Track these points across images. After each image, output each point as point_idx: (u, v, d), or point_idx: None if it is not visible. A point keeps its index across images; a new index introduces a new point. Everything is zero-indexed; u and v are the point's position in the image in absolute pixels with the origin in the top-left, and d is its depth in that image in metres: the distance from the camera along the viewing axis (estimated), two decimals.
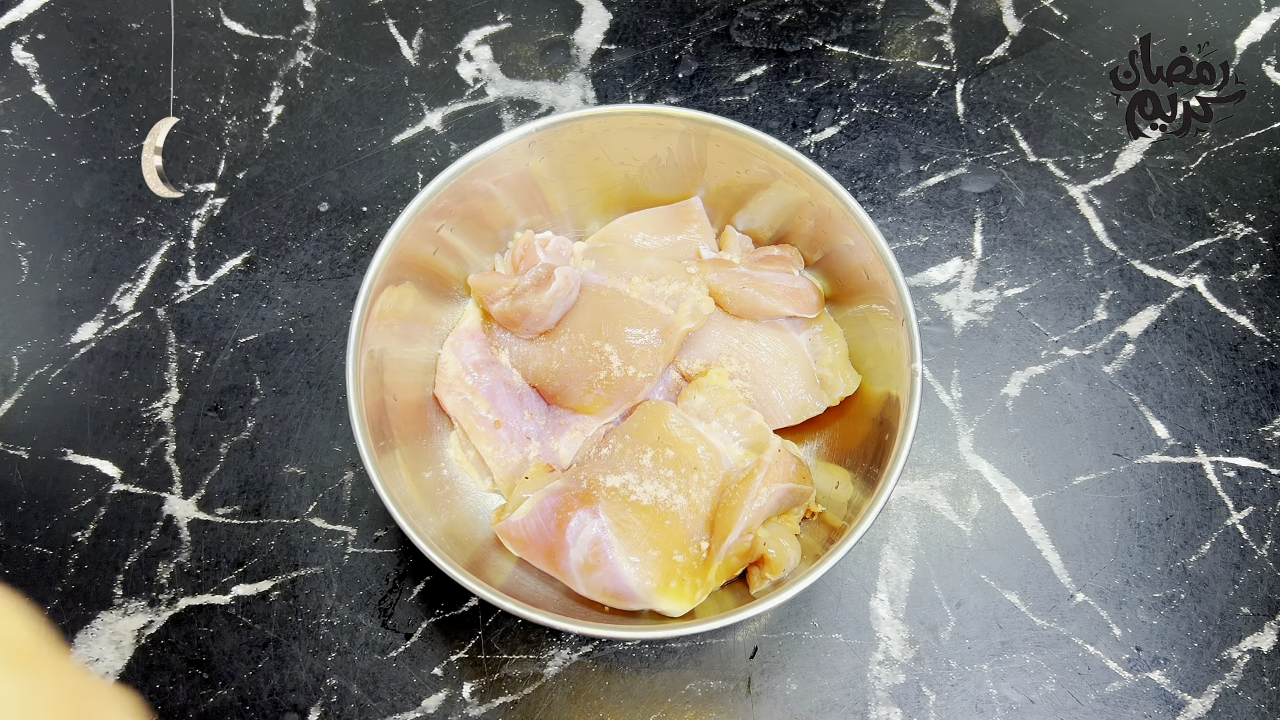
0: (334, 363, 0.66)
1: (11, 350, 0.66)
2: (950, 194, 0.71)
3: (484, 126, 0.74)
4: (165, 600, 0.60)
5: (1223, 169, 0.72)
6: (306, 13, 0.78)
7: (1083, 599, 0.60)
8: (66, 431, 0.64)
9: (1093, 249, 0.69)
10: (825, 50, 0.76)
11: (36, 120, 0.74)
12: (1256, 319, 0.67)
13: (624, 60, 0.76)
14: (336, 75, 0.76)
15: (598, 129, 0.57)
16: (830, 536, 0.52)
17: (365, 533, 0.61)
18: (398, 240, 0.53)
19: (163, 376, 0.66)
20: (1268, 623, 0.59)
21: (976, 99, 0.74)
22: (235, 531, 0.61)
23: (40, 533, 0.61)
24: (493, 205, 0.59)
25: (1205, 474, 0.63)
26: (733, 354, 0.60)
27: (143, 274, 0.69)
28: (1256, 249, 0.69)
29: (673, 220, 0.63)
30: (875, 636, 0.59)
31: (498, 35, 0.77)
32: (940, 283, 0.68)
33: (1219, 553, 0.61)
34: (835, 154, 0.73)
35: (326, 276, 0.69)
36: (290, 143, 0.73)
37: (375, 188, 0.72)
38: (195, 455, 0.63)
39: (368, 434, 0.50)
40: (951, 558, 0.61)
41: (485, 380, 0.60)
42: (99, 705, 0.28)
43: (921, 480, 0.63)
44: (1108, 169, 0.72)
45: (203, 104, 0.75)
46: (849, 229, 0.54)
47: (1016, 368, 0.66)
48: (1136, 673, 0.58)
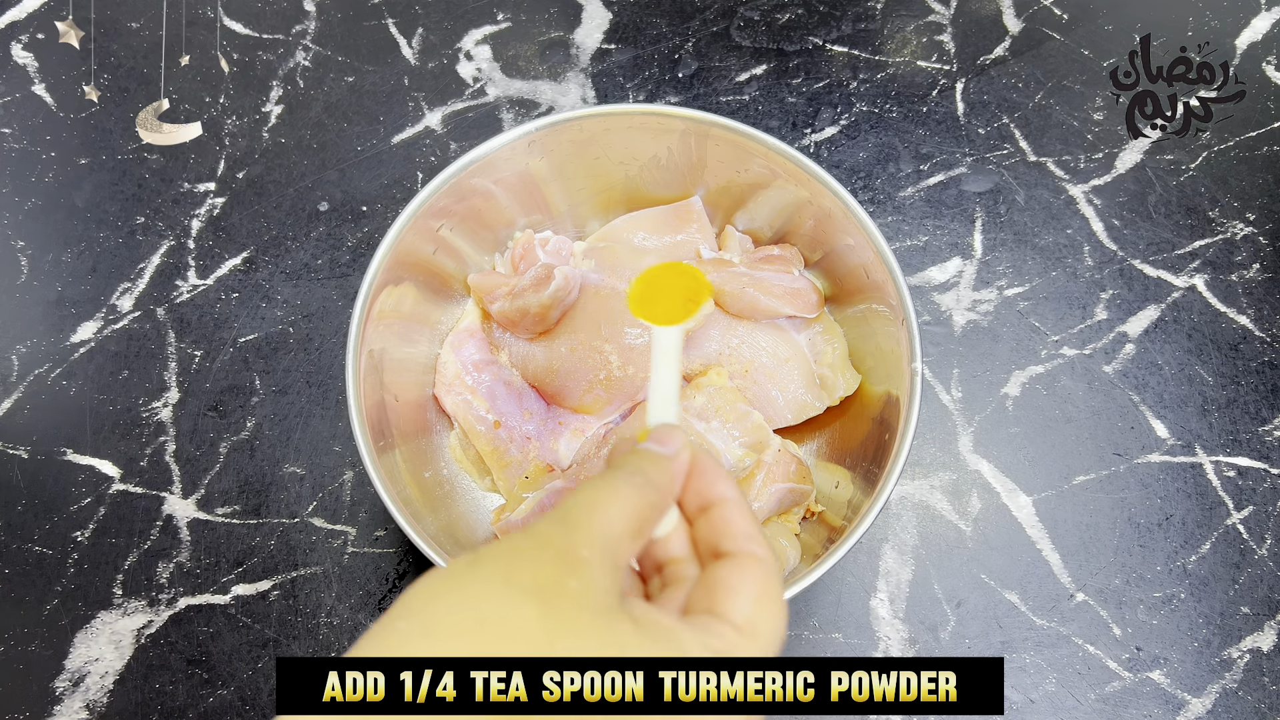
0: (334, 362, 0.66)
1: (11, 350, 0.66)
2: (950, 194, 0.71)
3: (484, 126, 0.74)
4: (165, 600, 0.60)
5: (1223, 169, 0.72)
6: (306, 12, 0.78)
7: (1083, 599, 0.60)
8: (66, 431, 0.64)
9: (1093, 249, 0.69)
10: (825, 50, 0.76)
11: (36, 120, 0.74)
12: (1256, 319, 0.67)
13: (624, 60, 0.76)
14: (336, 75, 0.76)
15: (597, 129, 0.57)
16: (830, 536, 0.52)
17: (365, 532, 0.61)
18: (397, 240, 0.53)
19: (162, 376, 0.66)
20: (1268, 622, 0.59)
21: (976, 99, 0.74)
22: (235, 531, 0.61)
23: (40, 532, 0.61)
24: (492, 205, 0.59)
25: (1205, 474, 0.63)
26: (733, 354, 0.60)
27: (142, 274, 0.69)
28: (1256, 249, 0.69)
29: (672, 220, 0.63)
30: (875, 636, 0.59)
31: (497, 35, 0.77)
32: (940, 282, 0.68)
33: (1219, 552, 0.61)
34: (835, 154, 0.73)
35: (326, 276, 0.69)
36: (290, 142, 0.73)
37: (375, 187, 0.72)
38: (195, 455, 0.63)
39: (367, 434, 0.50)
40: (951, 557, 0.61)
41: (485, 380, 0.60)
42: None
43: (921, 480, 0.63)
44: (1108, 169, 0.72)
45: (202, 103, 0.75)
46: (849, 229, 0.54)
47: (1016, 367, 0.66)
48: (1136, 672, 0.58)
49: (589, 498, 0.29)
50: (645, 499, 0.30)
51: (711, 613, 0.29)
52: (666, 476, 0.32)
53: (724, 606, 0.29)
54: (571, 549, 0.27)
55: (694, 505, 0.33)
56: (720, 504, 0.32)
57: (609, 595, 0.27)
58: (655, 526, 0.31)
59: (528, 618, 0.25)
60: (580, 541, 0.28)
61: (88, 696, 0.58)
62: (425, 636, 0.25)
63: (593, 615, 0.26)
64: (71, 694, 0.58)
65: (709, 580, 0.30)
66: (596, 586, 0.27)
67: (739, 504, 0.32)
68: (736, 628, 0.28)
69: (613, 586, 0.27)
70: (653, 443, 0.33)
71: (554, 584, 0.26)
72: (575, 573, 0.27)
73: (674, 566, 0.33)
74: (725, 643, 0.28)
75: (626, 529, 0.29)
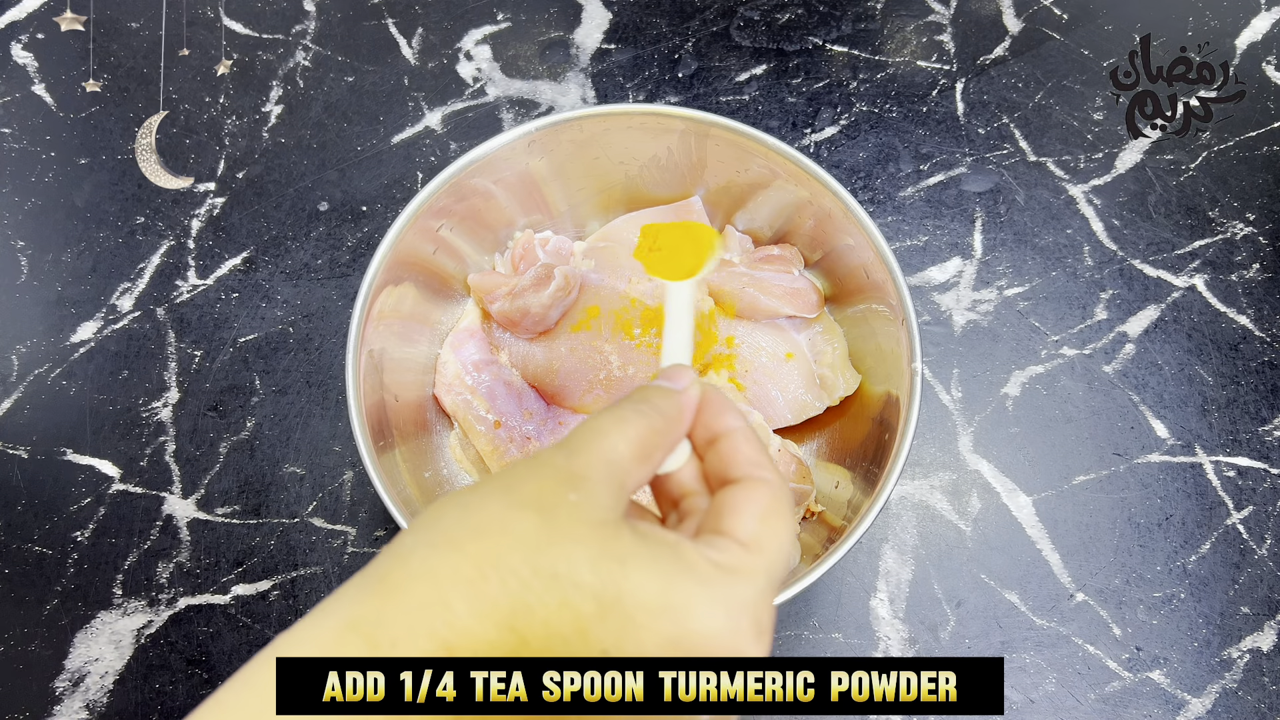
0: (334, 362, 0.66)
1: (11, 350, 0.66)
2: (950, 193, 0.71)
3: (484, 126, 0.74)
4: (165, 600, 0.60)
5: (1223, 169, 0.72)
6: (306, 12, 0.78)
7: (1083, 599, 0.60)
8: (66, 431, 0.64)
9: (1093, 248, 0.69)
10: (825, 50, 0.76)
11: (36, 120, 0.74)
12: (1256, 319, 0.67)
13: (624, 60, 0.76)
14: (336, 75, 0.76)
15: (597, 128, 0.57)
16: (830, 536, 0.52)
17: (365, 533, 0.61)
18: (397, 240, 0.53)
19: (162, 376, 0.66)
20: (1268, 622, 0.59)
21: (976, 98, 0.74)
22: (235, 531, 0.61)
23: (40, 532, 0.61)
24: (492, 205, 0.59)
25: (1205, 474, 0.63)
26: (733, 354, 0.60)
27: (142, 274, 0.69)
28: (1256, 249, 0.69)
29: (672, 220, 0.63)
30: (875, 636, 0.59)
31: (497, 35, 0.77)
32: (940, 282, 0.68)
33: (1219, 552, 0.61)
34: (835, 153, 0.73)
35: (326, 276, 0.69)
36: (290, 142, 0.73)
37: (375, 187, 0.72)
38: (195, 455, 0.63)
39: (367, 434, 0.50)
40: (951, 557, 0.61)
41: (485, 380, 0.60)
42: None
43: (921, 480, 0.63)
44: (1108, 169, 0.72)
45: (202, 103, 0.75)
46: (849, 229, 0.54)
47: (1016, 367, 0.66)
48: (1136, 672, 0.58)
49: (594, 425, 0.30)
50: (651, 425, 0.31)
51: (718, 531, 0.29)
52: (674, 407, 0.32)
53: (729, 524, 0.29)
54: (573, 469, 0.28)
55: (703, 439, 0.33)
56: (727, 435, 0.32)
57: (610, 511, 0.28)
58: (664, 455, 0.32)
59: (526, 525, 0.26)
60: (582, 463, 0.28)
61: (88, 696, 0.58)
62: (429, 546, 0.26)
63: (591, 526, 0.27)
64: (71, 694, 0.58)
65: (716, 504, 0.31)
66: (597, 501, 0.27)
67: (745, 433, 0.32)
68: (741, 543, 0.29)
69: (615, 504, 0.28)
70: (664, 379, 0.34)
71: (553, 496, 0.27)
72: (576, 488, 0.27)
73: (689, 500, 0.33)
74: (729, 556, 0.28)
75: (631, 453, 0.29)
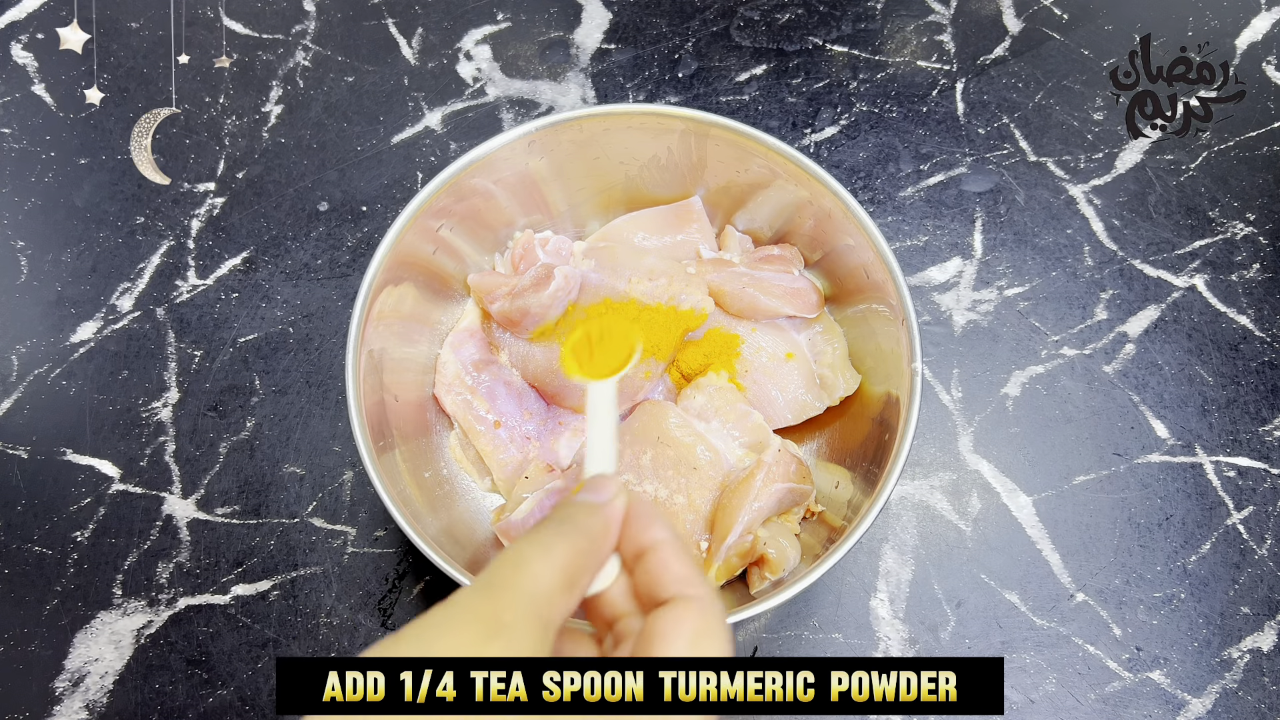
0: (333, 362, 0.66)
1: (11, 350, 0.66)
2: (950, 194, 0.71)
3: (484, 126, 0.74)
4: (165, 600, 0.60)
5: (1223, 169, 0.72)
6: (306, 12, 0.78)
7: (1083, 599, 0.60)
8: (66, 431, 0.64)
9: (1093, 249, 0.69)
10: (825, 50, 0.76)
11: (36, 120, 0.74)
12: (1256, 319, 0.67)
13: (624, 60, 0.76)
14: (336, 75, 0.76)
15: (597, 128, 0.57)
16: (830, 536, 0.52)
17: (365, 533, 0.61)
18: (397, 240, 0.53)
19: (162, 376, 0.66)
20: (1268, 623, 0.59)
21: (976, 98, 0.74)
22: (235, 531, 0.61)
23: (40, 533, 0.61)
24: (492, 205, 0.59)
25: (1205, 474, 0.63)
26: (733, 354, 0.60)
27: (142, 274, 0.69)
28: (1256, 249, 0.69)
29: (672, 220, 0.63)
30: (875, 636, 0.59)
31: (497, 35, 0.77)
32: (940, 282, 0.68)
33: (1219, 552, 0.61)
34: (835, 153, 0.73)
35: (326, 276, 0.69)
36: (290, 142, 0.73)
37: (375, 187, 0.72)
38: (195, 455, 0.63)
39: (367, 434, 0.50)
40: (951, 557, 0.61)
41: (485, 380, 0.60)
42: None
43: (921, 480, 0.63)
44: (1108, 169, 0.72)
45: (202, 103, 0.75)
46: (849, 229, 0.54)
47: (1016, 367, 0.66)
48: (1136, 672, 0.58)
49: (514, 556, 0.28)
50: (576, 548, 0.29)
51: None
52: (599, 523, 0.31)
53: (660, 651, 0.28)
54: (495, 615, 0.26)
55: (630, 553, 0.32)
56: (654, 549, 0.31)
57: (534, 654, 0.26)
58: (590, 578, 0.30)
59: None
60: (504, 605, 0.27)
61: (87, 696, 0.58)
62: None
63: None
64: (71, 694, 0.58)
65: (646, 631, 0.29)
66: (520, 648, 0.26)
67: (672, 545, 0.31)
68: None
69: (539, 646, 0.27)
70: (587, 492, 0.32)
71: (473, 650, 0.25)
72: (496, 635, 0.26)
73: (623, 622, 0.32)
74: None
75: (556, 583, 0.28)
